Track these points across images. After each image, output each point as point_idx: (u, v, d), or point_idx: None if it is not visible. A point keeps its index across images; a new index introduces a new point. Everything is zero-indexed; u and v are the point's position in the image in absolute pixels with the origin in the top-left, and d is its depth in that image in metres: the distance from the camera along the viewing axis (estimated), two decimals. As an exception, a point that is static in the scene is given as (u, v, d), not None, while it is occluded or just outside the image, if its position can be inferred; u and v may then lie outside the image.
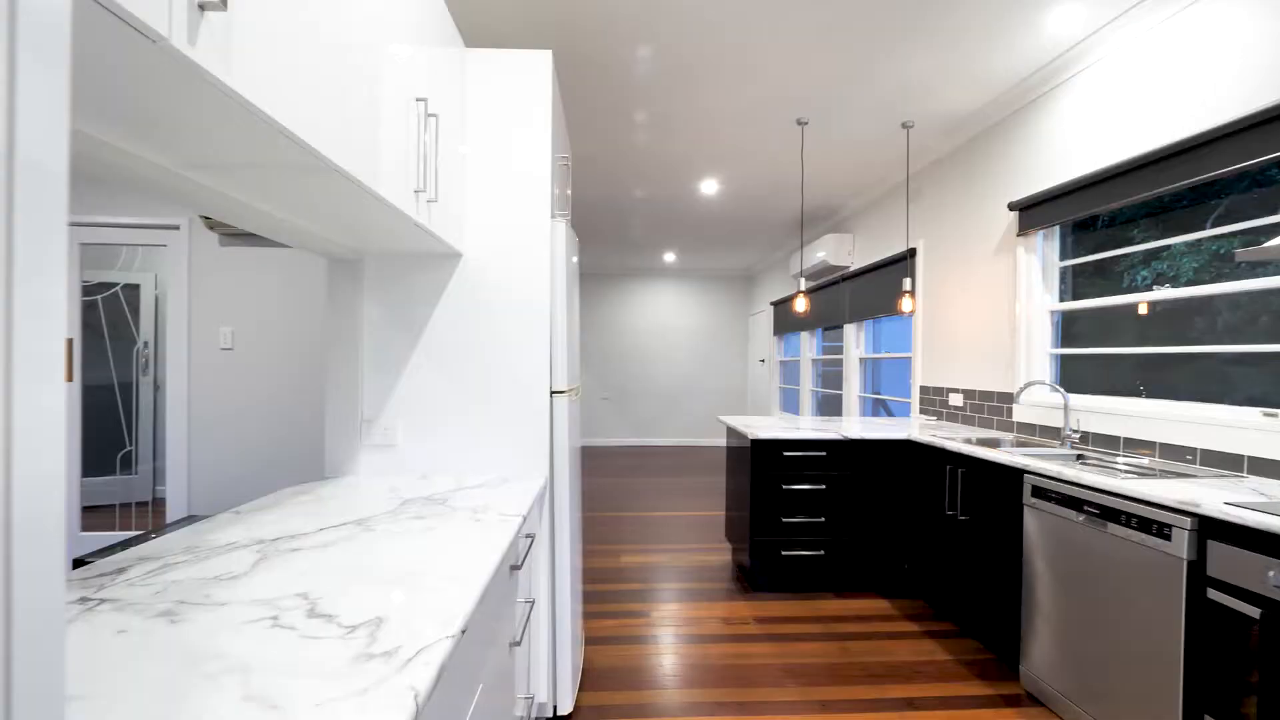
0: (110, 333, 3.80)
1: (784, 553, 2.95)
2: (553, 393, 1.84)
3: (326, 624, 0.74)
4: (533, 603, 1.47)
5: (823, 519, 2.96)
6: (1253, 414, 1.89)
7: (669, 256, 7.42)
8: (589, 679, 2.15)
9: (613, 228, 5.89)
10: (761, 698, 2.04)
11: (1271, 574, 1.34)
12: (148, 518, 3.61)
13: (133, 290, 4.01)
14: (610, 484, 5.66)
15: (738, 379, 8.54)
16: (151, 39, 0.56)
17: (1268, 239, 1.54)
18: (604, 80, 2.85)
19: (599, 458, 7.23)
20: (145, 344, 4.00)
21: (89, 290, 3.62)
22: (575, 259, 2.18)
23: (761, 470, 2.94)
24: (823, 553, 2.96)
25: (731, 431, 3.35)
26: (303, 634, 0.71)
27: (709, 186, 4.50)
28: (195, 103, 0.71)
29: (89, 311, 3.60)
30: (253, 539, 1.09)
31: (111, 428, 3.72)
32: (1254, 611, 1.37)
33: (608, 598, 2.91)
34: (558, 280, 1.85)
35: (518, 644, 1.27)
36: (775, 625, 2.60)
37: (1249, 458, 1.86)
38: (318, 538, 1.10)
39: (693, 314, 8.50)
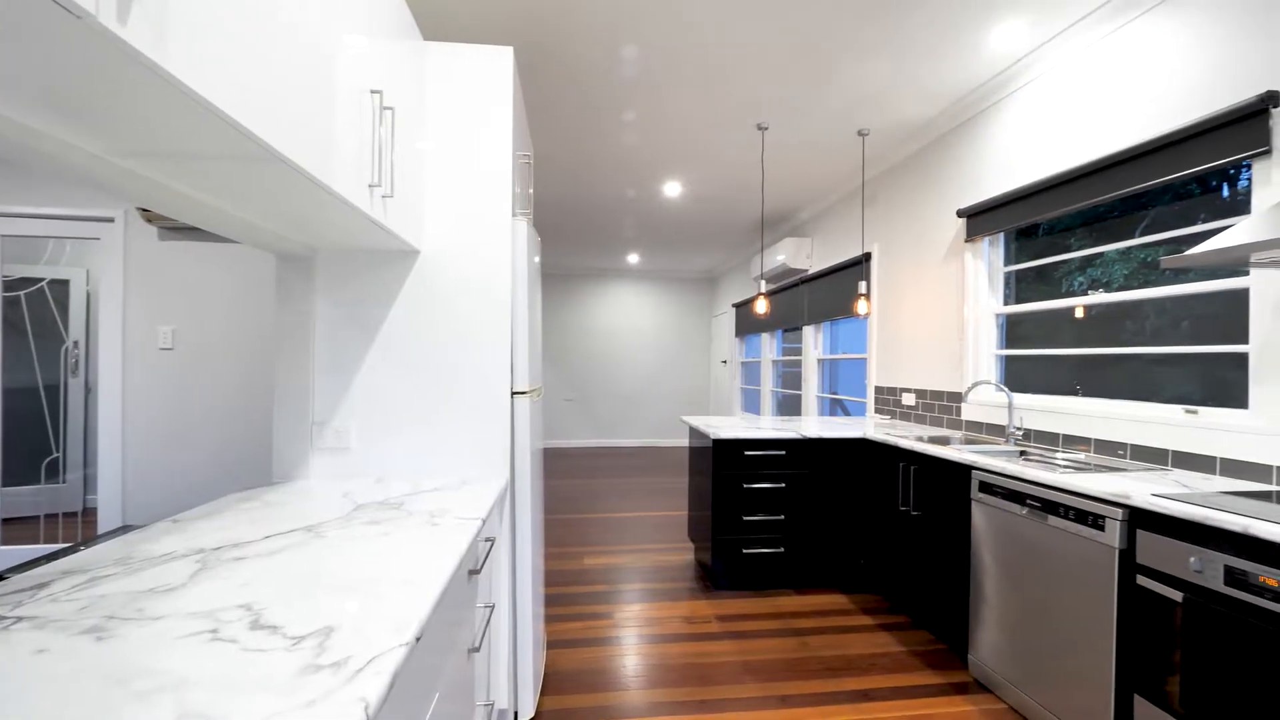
0: (35, 331, 3.55)
1: (745, 551, 2.99)
2: (514, 393, 1.82)
3: (271, 635, 0.70)
4: (492, 607, 1.44)
5: (782, 517, 3.01)
6: (1176, 411, 2.03)
7: (633, 258, 7.44)
8: (551, 683, 2.12)
9: (576, 228, 5.86)
10: (722, 695, 2.06)
11: (1193, 560, 1.44)
12: (76, 529, 3.38)
13: (61, 286, 3.76)
14: (573, 485, 5.63)
15: (700, 380, 8.62)
16: (76, 14, 0.53)
17: (1189, 248, 1.66)
18: (566, 79, 2.83)
19: (562, 459, 7.17)
20: (75, 344, 3.75)
21: (10, 286, 3.37)
22: (537, 259, 2.16)
23: (723, 470, 2.98)
24: (782, 550, 3.01)
25: (694, 432, 3.38)
26: (245, 647, 0.67)
27: (672, 188, 4.53)
28: (128, 86, 0.67)
29: (10, 308, 3.35)
30: (192, 548, 1.04)
31: (35, 433, 3.48)
32: (1177, 595, 1.46)
33: (570, 600, 2.88)
34: (519, 279, 1.83)
35: (476, 650, 1.24)
36: (736, 623, 2.64)
37: (1173, 452, 1.99)
38: (264, 545, 1.06)
39: (656, 315, 8.54)
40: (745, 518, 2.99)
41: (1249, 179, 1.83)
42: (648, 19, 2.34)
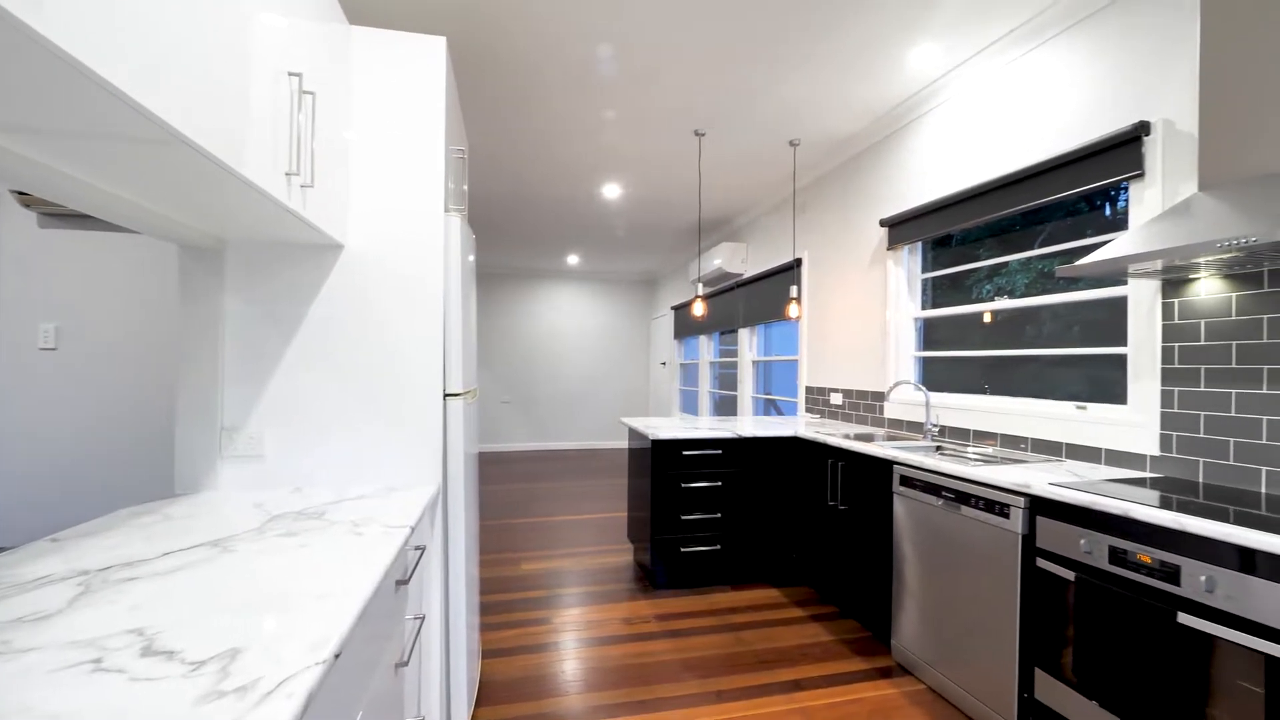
0: (-122, 329, 3.08)
1: (683, 550, 3.03)
2: (446, 395, 1.76)
3: (166, 662, 0.64)
4: (423, 618, 1.38)
5: (719, 515, 3.08)
6: (1068, 408, 2.23)
7: (572, 258, 7.38)
8: (486, 693, 2.06)
9: (515, 227, 5.75)
10: (661, 694, 2.07)
11: (1083, 542, 1.58)
12: (-68, 554, 2.96)
13: (-88, 277, 3.29)
14: (511, 490, 5.51)
15: (640, 381, 8.67)
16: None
17: (1079, 259, 1.83)
18: (503, 74, 2.77)
19: (499, 463, 7.01)
20: (-69, 343, 3.30)
21: None
22: (472, 257, 2.09)
23: (662, 470, 3.00)
24: (719, 547, 3.07)
25: (633, 433, 3.39)
26: (133, 676, 0.61)
27: (611, 190, 4.54)
28: (-10, 49, 0.59)
29: None
30: (73, 570, 0.93)
31: (-121, 446, 3.02)
32: (1070, 575, 1.61)
33: (507, 607, 2.82)
34: (452, 277, 1.77)
35: (405, 664, 1.19)
36: (674, 621, 2.66)
37: (1066, 444, 2.19)
38: (161, 563, 0.96)
39: (596, 317, 8.51)
40: (683, 517, 3.03)
41: (1127, 199, 2.04)
42: (584, 18, 2.33)
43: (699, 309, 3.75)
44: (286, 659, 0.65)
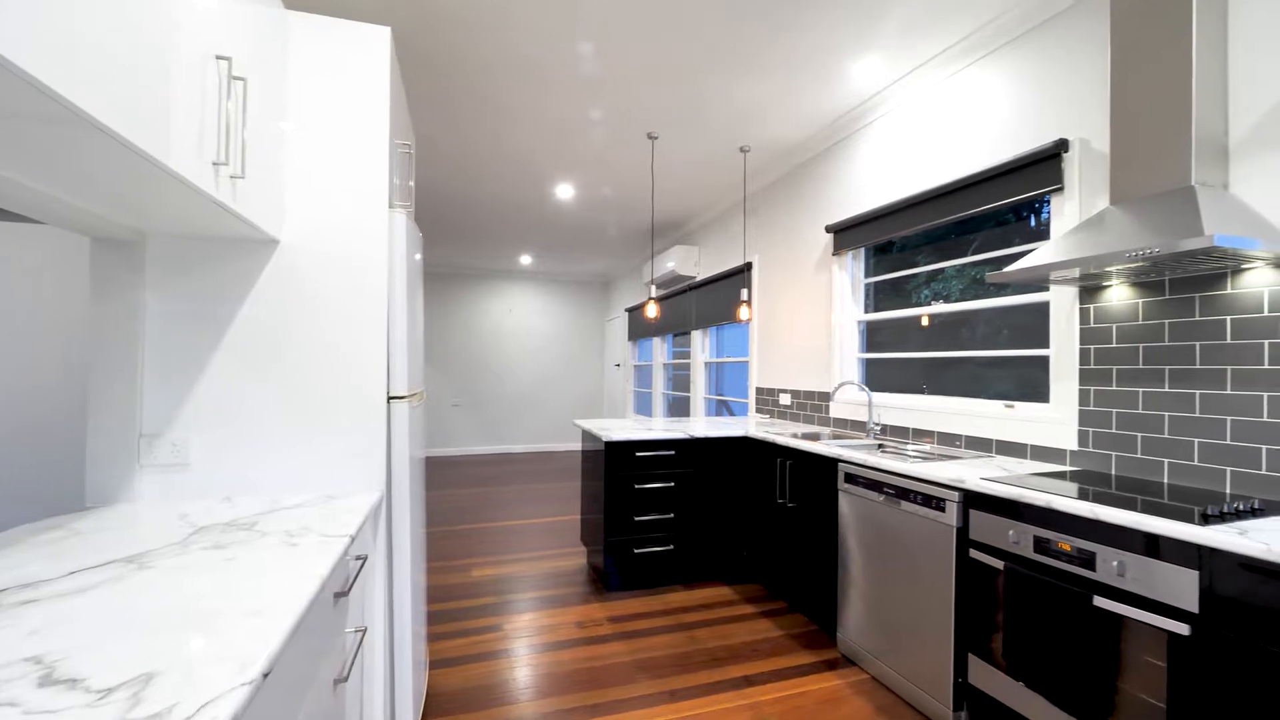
0: None
1: (636, 551, 3.03)
2: (391, 398, 1.69)
3: (68, 691, 0.59)
4: (364, 631, 1.32)
5: (672, 515, 3.10)
6: (998, 406, 2.37)
7: (525, 259, 7.28)
8: (434, 705, 2.00)
9: (466, 226, 5.61)
10: (614, 697, 2.06)
11: (1011, 533, 1.68)
12: None
13: None
14: (461, 494, 5.37)
15: (594, 383, 8.63)
16: None
17: (1007, 266, 1.94)
18: (455, 70, 2.71)
19: (449, 467, 6.82)
20: None
21: None
22: (419, 255, 2.03)
23: (615, 471, 3.00)
24: (672, 547, 3.09)
25: (587, 435, 3.37)
26: (28, 709, 0.55)
27: (564, 191, 4.50)
28: None
29: None
30: (-39, 594, 0.84)
31: None
32: (999, 564, 1.70)
33: (457, 615, 2.74)
34: (396, 276, 1.71)
35: (345, 680, 1.13)
36: (627, 623, 2.66)
37: (996, 441, 2.32)
38: (66, 583, 0.88)
39: (550, 318, 8.42)
40: (637, 518, 3.04)
41: (1049, 210, 2.18)
42: (536, 16, 2.30)
43: (652, 311, 3.77)
44: (209, 682, 0.61)
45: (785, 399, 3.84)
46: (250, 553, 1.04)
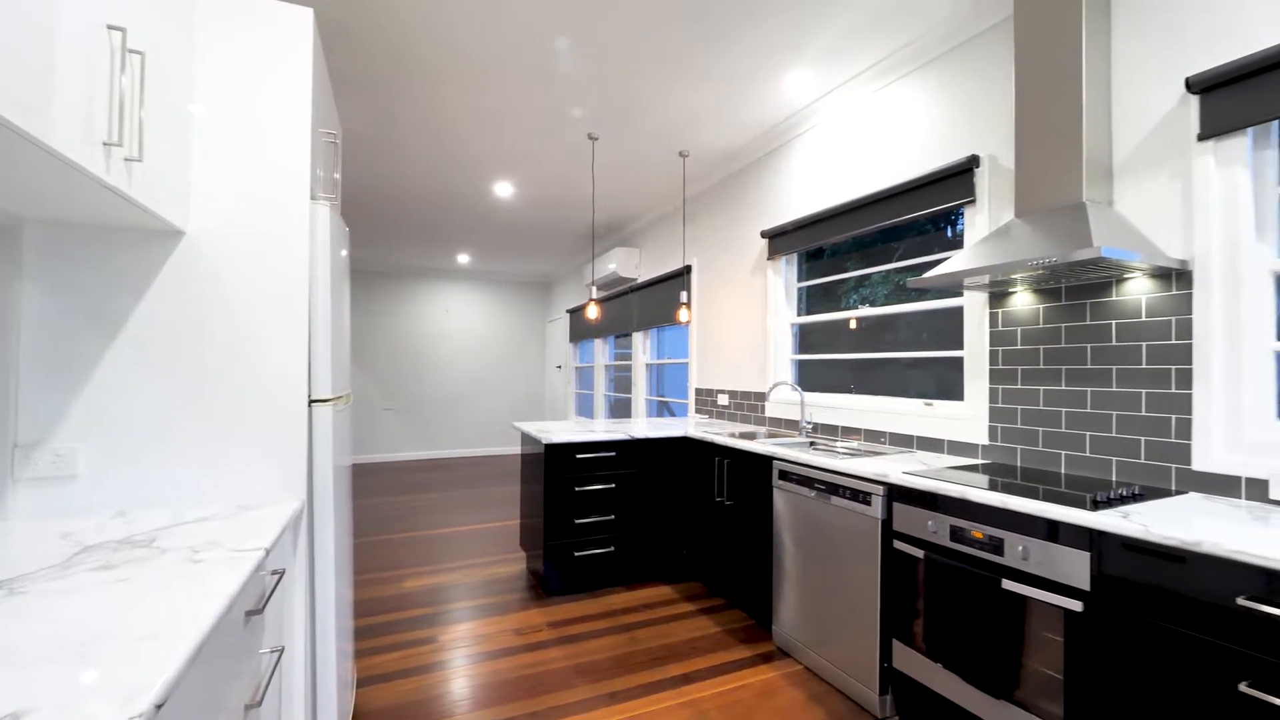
0: None
1: (576, 554, 3.00)
2: (312, 401, 1.60)
3: (-87, 738, 0.51)
4: (281, 651, 1.24)
5: (613, 516, 3.09)
6: (918, 405, 2.51)
7: (463, 258, 7.07)
8: (360, 725, 1.90)
9: (401, 223, 5.39)
10: (554, 703, 2.03)
11: (930, 523, 1.78)
12: None
13: None
14: (393, 502, 5.14)
15: (535, 385, 8.50)
16: None
17: (926, 272, 2.07)
18: (388, 60, 2.59)
19: (380, 474, 6.52)
20: None
21: None
22: (345, 251, 1.93)
23: (555, 474, 2.96)
24: (613, 549, 3.09)
25: (526, 437, 3.31)
26: None
27: (503, 189, 4.41)
28: None
29: None
30: None
31: None
32: (919, 553, 1.80)
33: (387, 629, 2.62)
34: (319, 272, 1.62)
35: (258, 704, 1.06)
36: (567, 627, 2.63)
37: (917, 437, 2.47)
38: (-84, 616, 0.77)
39: (489, 319, 8.22)
40: (577, 521, 3.01)
41: (963, 222, 2.34)
42: (473, 9, 2.24)
43: (593, 312, 3.75)
44: (89, 718, 0.54)
45: (723, 399, 3.93)
46: (147, 572, 0.95)
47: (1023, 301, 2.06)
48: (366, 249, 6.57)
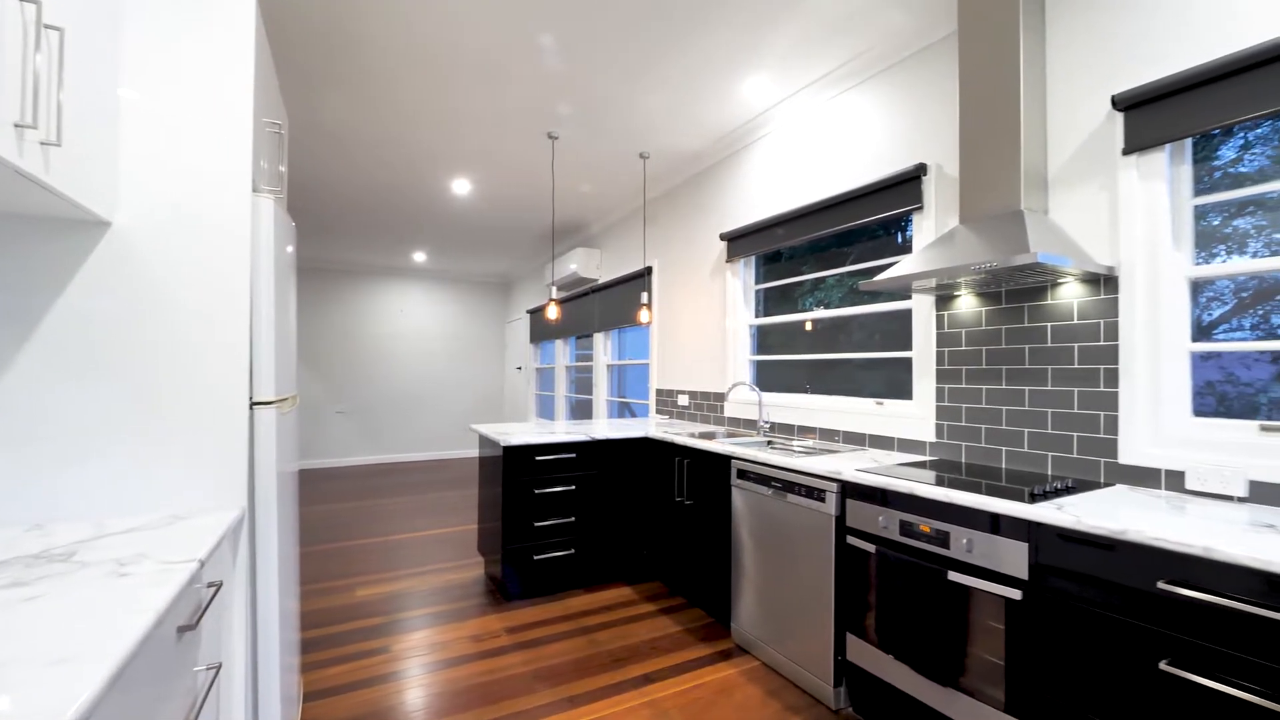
0: None
1: (536, 557, 2.96)
2: (254, 404, 1.52)
3: None
4: (218, 668, 1.17)
5: (573, 518, 3.07)
6: (870, 404, 2.59)
7: (419, 256, 6.89)
8: (306, 742, 1.82)
9: (354, 220, 5.20)
10: (512, 709, 2.00)
11: (881, 518, 1.84)
12: None
13: None
14: (345, 509, 4.96)
15: (494, 386, 8.36)
16: None
17: (878, 276, 2.14)
18: (341, 51, 2.50)
19: (331, 479, 6.27)
20: None
21: None
22: (291, 248, 1.85)
23: (514, 477, 2.91)
24: (573, 551, 3.06)
25: (484, 440, 3.25)
26: None
27: (461, 186, 4.32)
28: None
29: None
30: None
31: None
32: (871, 548, 1.86)
33: (337, 640, 2.52)
34: (262, 268, 1.54)
35: (191, 725, 0.99)
36: (526, 632, 2.59)
37: (869, 435, 2.54)
38: None
39: (447, 319, 8.03)
40: (537, 523, 2.97)
41: (912, 227, 2.43)
42: (430, 6, 2.19)
43: (553, 312, 3.72)
44: (-8, 747, 0.50)
45: (684, 400, 3.95)
46: (64, 589, 0.88)
47: (966, 304, 2.15)
48: (317, 246, 6.32)
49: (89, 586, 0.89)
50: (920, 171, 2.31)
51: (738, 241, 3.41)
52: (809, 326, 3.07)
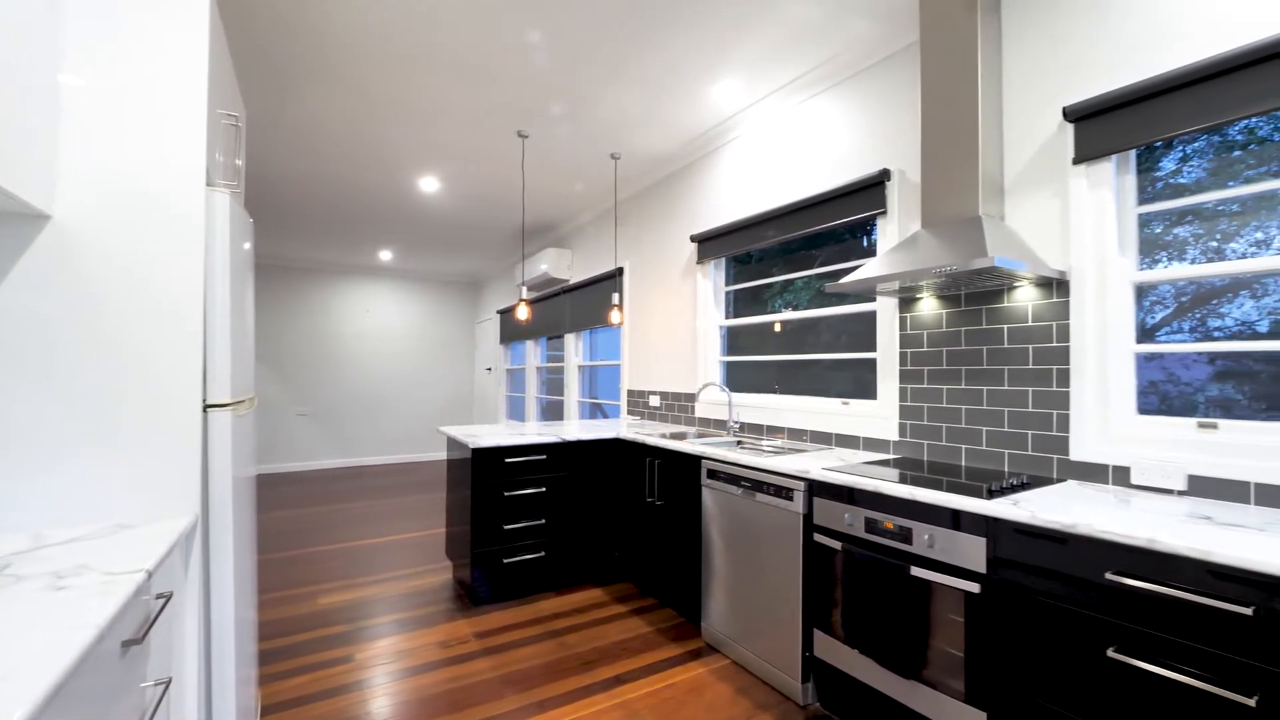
0: None
1: (505, 561, 2.93)
2: (208, 407, 1.46)
3: None
4: (168, 683, 1.12)
5: (543, 521, 3.04)
6: (836, 404, 2.64)
7: (385, 254, 6.74)
8: (264, 757, 1.76)
9: (318, 217, 5.05)
10: (480, 716, 1.97)
11: (846, 516, 1.87)
12: None
13: None
14: (307, 514, 4.81)
15: (464, 388, 8.23)
16: None
17: (843, 278, 2.18)
18: (305, 43, 2.42)
19: (293, 484, 6.08)
20: None
21: None
22: (248, 244, 1.78)
23: (483, 479, 2.87)
24: (544, 554, 3.03)
25: (452, 442, 3.19)
26: None
27: (429, 184, 4.24)
28: None
29: None
30: None
31: None
32: (837, 545, 1.89)
33: (298, 650, 2.44)
34: (217, 265, 1.48)
35: (138, 744, 0.95)
36: (495, 637, 2.56)
37: (836, 434, 2.59)
38: None
39: (415, 319, 7.87)
40: (506, 527, 2.93)
41: (877, 231, 2.49)
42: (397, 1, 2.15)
43: (523, 313, 3.68)
44: (-91, 776, 0.47)
45: (655, 400, 3.96)
46: (-4, 603, 0.83)
47: (928, 307, 2.21)
48: (279, 243, 6.12)
49: (24, 601, 0.84)
50: (884, 177, 2.36)
51: (708, 243, 3.43)
52: (778, 328, 3.12)
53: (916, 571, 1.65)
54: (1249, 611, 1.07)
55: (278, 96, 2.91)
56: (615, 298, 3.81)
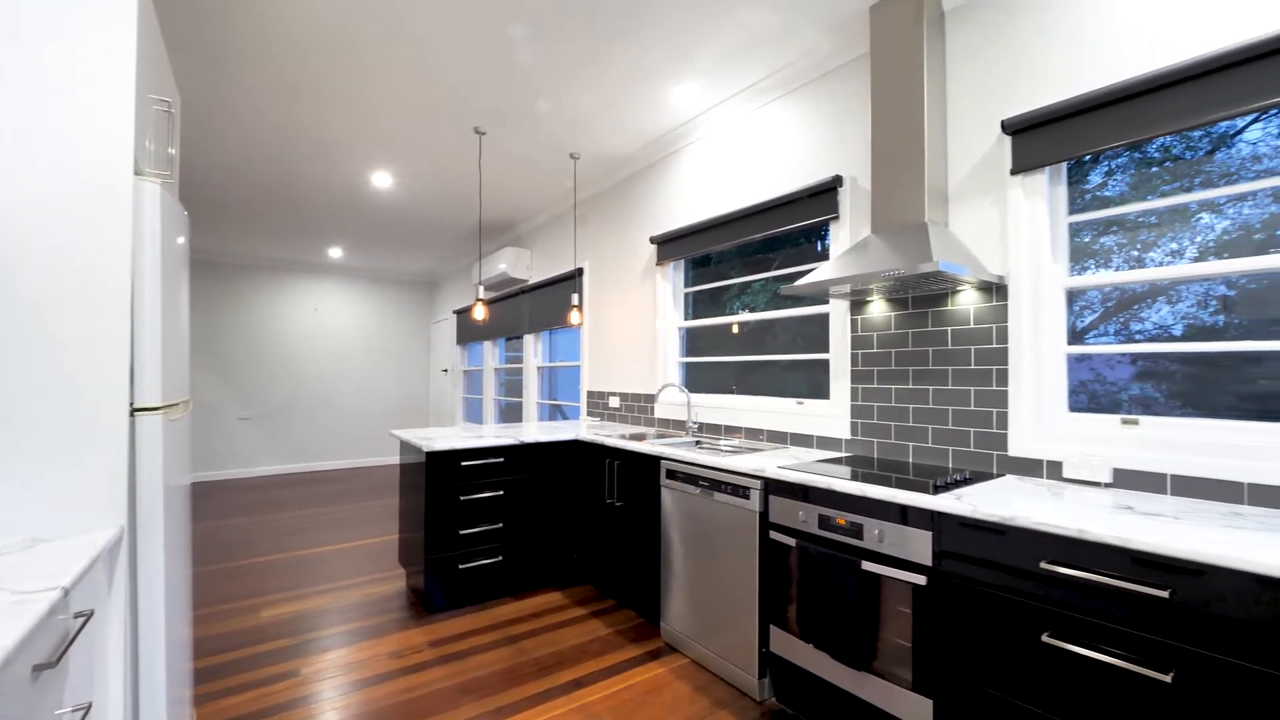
0: None
1: (461, 566, 2.86)
2: (136, 410, 1.37)
3: None
4: (88, 708, 1.04)
5: (501, 525, 2.99)
6: (791, 403, 2.70)
7: (335, 252, 6.49)
8: (200, 781, 1.66)
9: (261, 211, 4.82)
10: (433, 726, 1.91)
11: (801, 513, 1.92)
12: None
13: None
14: (250, 523, 4.58)
15: (419, 389, 8.01)
16: None
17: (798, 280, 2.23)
18: (247, 28, 2.31)
19: (235, 492, 5.77)
20: None
21: None
22: (183, 238, 1.68)
23: (438, 484, 2.80)
24: (501, 558, 2.98)
25: (406, 446, 3.10)
26: None
27: (381, 179, 4.11)
28: None
29: None
30: None
31: None
32: (792, 542, 1.93)
33: (239, 667, 2.32)
34: (147, 260, 1.39)
35: (52, 775, 0.88)
36: (451, 645, 2.49)
37: (790, 433, 2.65)
38: None
39: (367, 319, 7.61)
40: (462, 531, 2.87)
41: (830, 235, 2.56)
42: (344, -18, 2.07)
43: (480, 313, 3.61)
44: None
45: (615, 401, 3.96)
46: (-117, 628, 0.75)
47: (878, 309, 2.29)
48: (220, 238, 5.81)
49: (-83, 625, 0.76)
50: (836, 183, 2.43)
51: (668, 245, 3.45)
52: (736, 329, 3.16)
53: (868, 566, 1.70)
54: (1165, 594, 1.15)
55: (216, 83, 2.77)
56: (575, 298, 3.78)
